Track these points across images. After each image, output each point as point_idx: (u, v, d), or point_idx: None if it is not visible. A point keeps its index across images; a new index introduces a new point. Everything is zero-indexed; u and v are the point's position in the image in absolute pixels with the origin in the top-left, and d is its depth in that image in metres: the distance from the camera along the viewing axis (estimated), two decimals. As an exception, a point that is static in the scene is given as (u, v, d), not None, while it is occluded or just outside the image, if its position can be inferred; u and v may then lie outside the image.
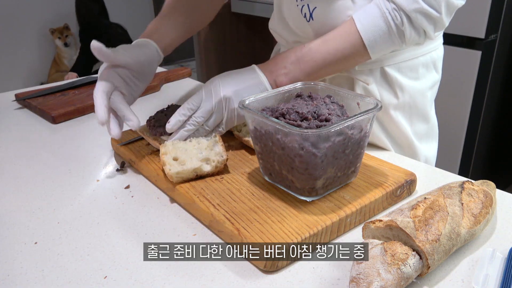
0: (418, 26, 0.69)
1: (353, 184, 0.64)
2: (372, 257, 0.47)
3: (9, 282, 0.52)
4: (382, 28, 0.69)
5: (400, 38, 0.70)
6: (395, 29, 0.68)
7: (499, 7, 1.72)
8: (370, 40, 0.69)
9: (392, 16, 0.68)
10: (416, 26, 0.69)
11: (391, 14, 0.68)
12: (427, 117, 0.85)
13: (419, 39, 0.71)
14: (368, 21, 0.69)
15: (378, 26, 0.69)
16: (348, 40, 0.70)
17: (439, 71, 0.86)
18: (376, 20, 0.69)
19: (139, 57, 0.77)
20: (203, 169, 0.66)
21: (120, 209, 0.65)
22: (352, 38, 0.70)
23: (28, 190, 0.71)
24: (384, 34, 0.69)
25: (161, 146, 0.69)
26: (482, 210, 0.54)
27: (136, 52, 0.77)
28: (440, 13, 0.68)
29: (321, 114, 0.60)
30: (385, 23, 0.68)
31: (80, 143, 0.88)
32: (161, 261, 0.54)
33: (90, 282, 0.51)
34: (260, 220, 0.56)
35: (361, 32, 0.69)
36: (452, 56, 1.75)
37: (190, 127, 0.70)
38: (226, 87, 0.70)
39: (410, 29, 0.69)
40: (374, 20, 0.69)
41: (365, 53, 0.71)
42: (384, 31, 0.69)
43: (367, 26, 0.69)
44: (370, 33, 0.69)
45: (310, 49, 0.72)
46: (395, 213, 0.52)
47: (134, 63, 0.75)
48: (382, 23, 0.69)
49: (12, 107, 1.08)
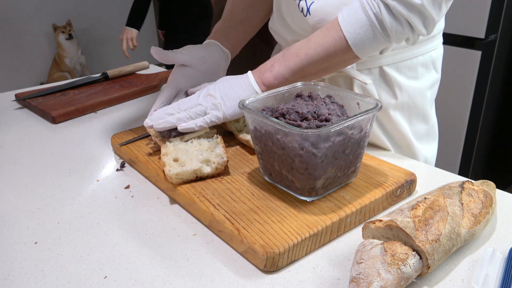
0: (398, 14, 0.63)
1: (353, 184, 0.64)
2: (372, 257, 0.47)
3: (9, 282, 0.52)
4: (361, 19, 0.65)
5: (382, 30, 0.65)
6: (374, 19, 0.64)
7: (499, 7, 1.72)
8: (350, 32, 0.66)
9: (370, 6, 0.64)
10: (396, 15, 0.64)
11: (369, 3, 0.64)
12: (427, 117, 0.85)
13: (404, 31, 0.65)
14: (349, 14, 0.66)
15: (358, 18, 0.65)
16: (329, 34, 0.68)
17: (438, 71, 0.85)
18: (356, 12, 0.66)
19: (199, 53, 0.82)
20: (203, 170, 0.66)
21: (120, 209, 0.65)
22: (333, 32, 0.67)
23: (28, 190, 0.71)
24: (364, 27, 0.65)
25: (162, 147, 0.69)
26: (482, 210, 0.54)
27: (198, 51, 0.83)
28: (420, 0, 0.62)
29: (321, 114, 0.60)
30: (364, 13, 0.65)
31: (80, 143, 0.88)
32: (161, 260, 0.54)
33: (90, 282, 0.52)
34: (260, 220, 0.56)
35: (342, 25, 0.66)
36: (452, 56, 1.75)
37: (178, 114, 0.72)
38: (216, 89, 0.72)
39: (390, 19, 0.64)
40: (355, 12, 0.66)
41: (348, 49, 0.67)
42: (364, 23, 0.65)
43: (347, 18, 0.66)
44: (350, 26, 0.66)
45: (295, 45, 0.72)
46: (395, 213, 0.52)
47: (196, 61, 0.81)
48: (362, 14, 0.65)
49: (12, 107, 1.08)
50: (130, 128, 0.85)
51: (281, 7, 0.83)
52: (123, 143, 0.79)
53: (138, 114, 1.02)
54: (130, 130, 0.85)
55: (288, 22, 0.83)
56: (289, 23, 0.83)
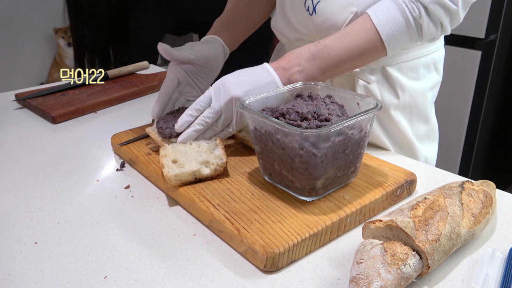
0: (436, 18, 0.66)
1: (353, 184, 0.64)
2: (372, 257, 0.47)
3: (9, 282, 0.52)
4: (399, 21, 0.66)
5: (417, 32, 0.67)
6: (413, 22, 0.66)
7: (499, 7, 1.72)
8: (388, 35, 0.67)
9: (410, 9, 0.66)
10: (434, 19, 0.66)
11: (408, 6, 0.66)
12: (427, 118, 0.85)
13: (436, 32, 0.68)
14: (385, 16, 0.67)
15: (396, 20, 0.66)
16: (365, 36, 0.68)
17: (440, 73, 0.86)
18: (393, 14, 0.67)
19: (203, 53, 0.83)
20: (202, 172, 0.65)
21: (120, 209, 0.65)
22: (369, 34, 0.68)
23: (28, 190, 0.71)
24: (401, 28, 0.67)
25: (160, 149, 0.68)
26: (482, 210, 0.54)
27: (202, 48, 0.84)
28: (457, 5, 0.66)
29: (321, 114, 0.60)
30: (403, 16, 0.66)
31: (80, 143, 0.88)
32: (161, 260, 0.54)
33: (90, 282, 0.51)
34: (260, 220, 0.56)
35: (378, 27, 0.67)
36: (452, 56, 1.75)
37: (198, 127, 0.69)
38: (237, 86, 0.67)
39: (428, 22, 0.66)
40: (391, 14, 0.67)
41: (382, 49, 0.69)
42: (402, 25, 0.67)
43: (384, 21, 0.67)
44: (388, 28, 0.67)
45: (326, 46, 0.69)
46: (395, 213, 0.52)
47: (199, 58, 0.82)
48: (400, 17, 0.66)
49: (12, 107, 1.08)
50: (130, 128, 0.85)
51: (285, 6, 0.83)
52: (123, 143, 0.79)
53: (138, 114, 1.03)
54: (130, 130, 0.85)
55: (292, 21, 0.83)
56: (293, 22, 0.83)
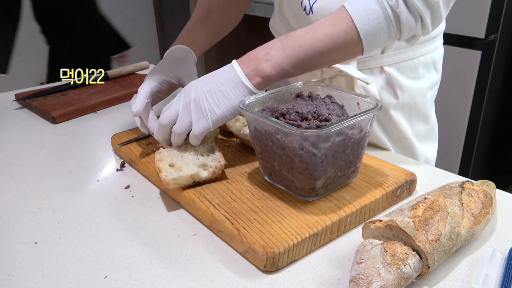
0: (415, 9, 0.62)
1: (353, 184, 0.64)
2: (372, 257, 0.47)
3: (9, 282, 0.52)
4: (375, 11, 0.62)
5: (396, 24, 0.63)
6: (390, 12, 0.62)
7: (499, 7, 1.72)
8: (363, 23, 0.62)
9: None
10: (413, 10, 0.62)
11: None
12: (427, 118, 0.85)
13: (416, 27, 0.64)
14: (361, 5, 0.63)
15: (372, 9, 0.62)
16: (338, 25, 0.63)
17: (439, 72, 0.86)
18: (369, 4, 0.62)
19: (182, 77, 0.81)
20: (200, 175, 0.65)
21: (120, 209, 0.65)
22: (343, 23, 0.63)
23: (28, 190, 0.71)
24: (378, 19, 0.62)
25: (156, 153, 0.68)
26: (482, 210, 0.54)
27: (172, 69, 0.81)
28: None
29: (321, 114, 0.60)
30: (379, 5, 0.62)
31: (80, 143, 0.88)
32: (161, 260, 0.54)
33: (90, 282, 0.51)
34: (260, 220, 0.56)
35: (353, 16, 0.62)
36: (452, 56, 1.75)
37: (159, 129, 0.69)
38: (198, 88, 0.65)
39: (407, 12, 0.62)
40: (368, 3, 0.62)
41: (358, 42, 0.64)
42: (379, 15, 0.62)
43: (360, 9, 0.62)
44: (363, 17, 0.62)
45: (296, 34, 0.65)
46: (395, 213, 0.52)
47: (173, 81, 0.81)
48: (376, 6, 0.62)
49: (12, 107, 1.08)
50: (130, 128, 0.85)
51: (282, 6, 0.83)
52: (123, 143, 0.79)
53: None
54: (130, 130, 0.85)
55: (290, 22, 0.83)
56: (291, 22, 0.83)
